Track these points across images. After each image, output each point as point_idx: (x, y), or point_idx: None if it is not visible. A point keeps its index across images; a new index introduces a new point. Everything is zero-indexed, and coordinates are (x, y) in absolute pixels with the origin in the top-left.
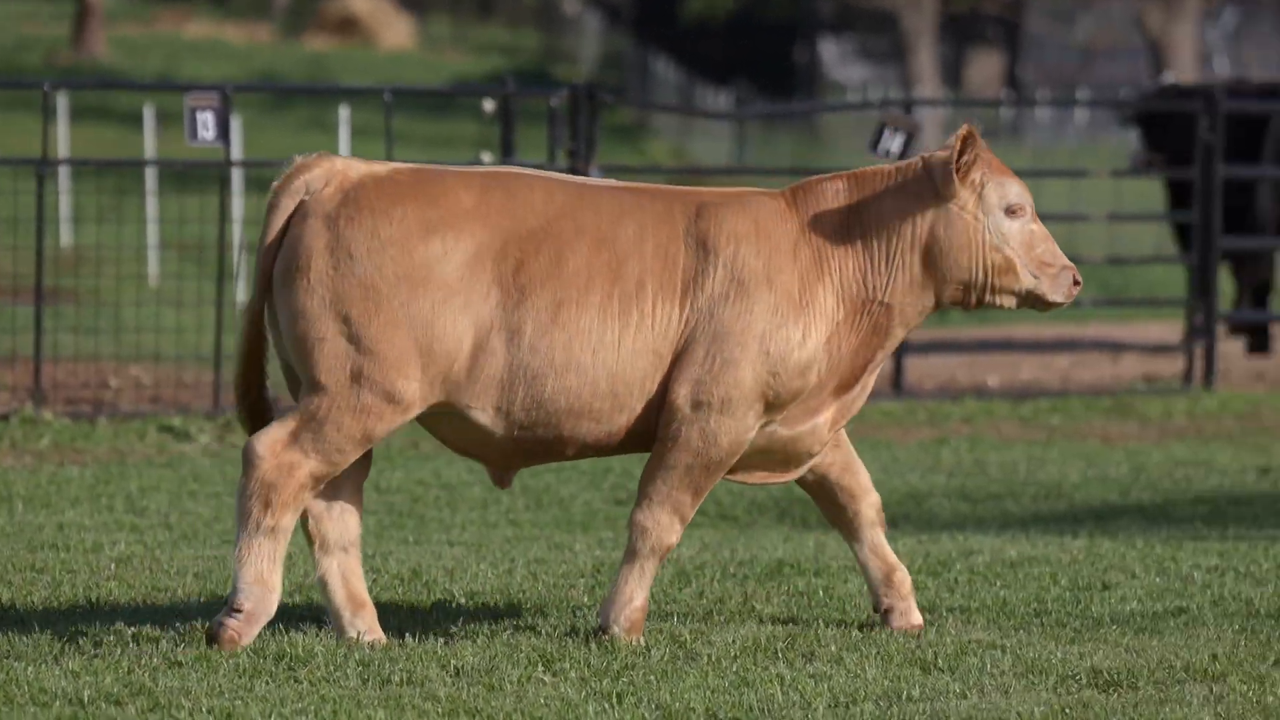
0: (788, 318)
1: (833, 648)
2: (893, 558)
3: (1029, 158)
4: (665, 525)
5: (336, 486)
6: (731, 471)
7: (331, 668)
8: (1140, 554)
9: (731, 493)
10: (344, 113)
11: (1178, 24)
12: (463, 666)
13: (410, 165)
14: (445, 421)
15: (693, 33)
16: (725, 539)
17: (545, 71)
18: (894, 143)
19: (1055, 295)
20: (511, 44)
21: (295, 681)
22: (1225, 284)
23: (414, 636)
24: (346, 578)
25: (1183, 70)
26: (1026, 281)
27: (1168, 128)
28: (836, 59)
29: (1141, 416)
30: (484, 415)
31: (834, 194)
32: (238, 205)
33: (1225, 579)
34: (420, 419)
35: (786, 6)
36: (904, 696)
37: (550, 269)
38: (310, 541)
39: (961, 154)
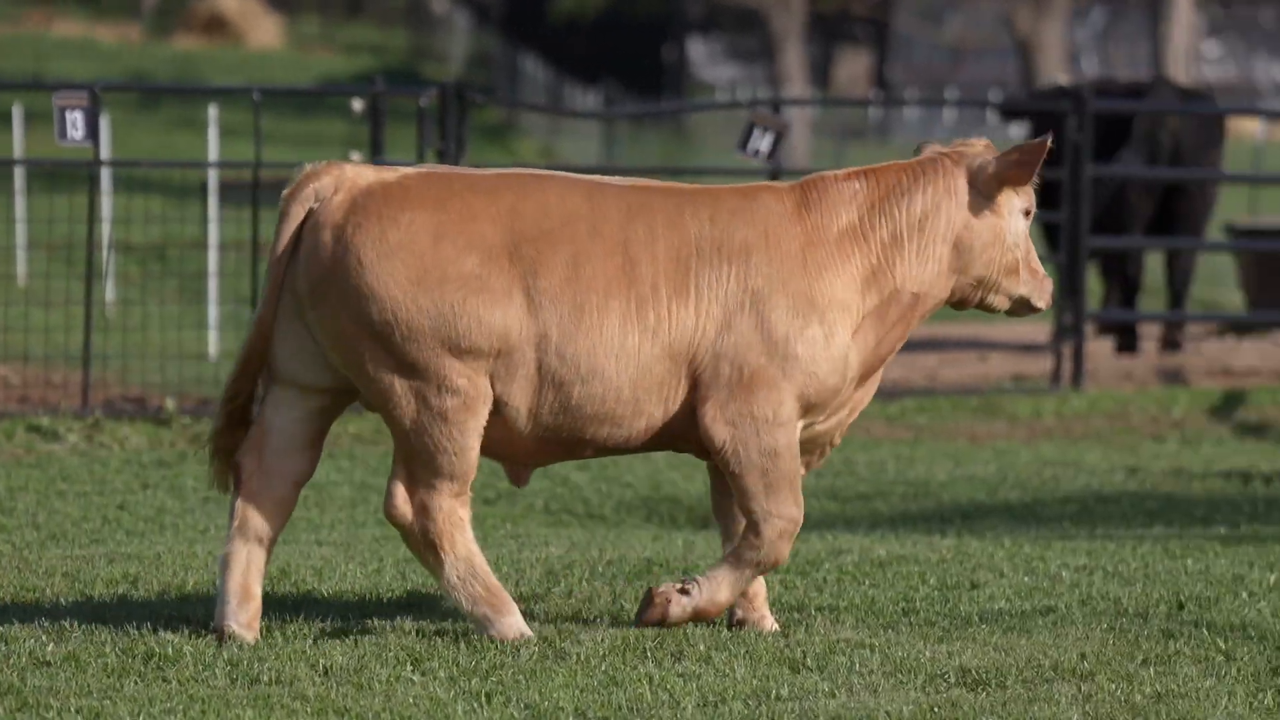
0: (810, 320)
1: (701, 647)
2: None
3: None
4: (773, 541)
5: (275, 479)
6: None
7: (200, 667)
8: (1008, 553)
9: (599, 492)
10: (213, 112)
11: (1046, 24)
12: (331, 666)
13: (420, 170)
14: None
15: (561, 32)
16: (594, 538)
17: (414, 71)
18: (763, 142)
19: (1039, 302)
20: (380, 43)
21: (164, 681)
22: (1094, 283)
23: (282, 636)
24: (249, 568)
25: (1051, 70)
26: (1024, 286)
27: (1047, 127)
28: (705, 58)
29: (1010, 416)
30: (516, 414)
31: (851, 191)
32: (106, 204)
33: (1093, 578)
34: None
35: (655, 6)
36: (773, 695)
37: (568, 272)
38: (231, 519)
39: (1036, 163)
